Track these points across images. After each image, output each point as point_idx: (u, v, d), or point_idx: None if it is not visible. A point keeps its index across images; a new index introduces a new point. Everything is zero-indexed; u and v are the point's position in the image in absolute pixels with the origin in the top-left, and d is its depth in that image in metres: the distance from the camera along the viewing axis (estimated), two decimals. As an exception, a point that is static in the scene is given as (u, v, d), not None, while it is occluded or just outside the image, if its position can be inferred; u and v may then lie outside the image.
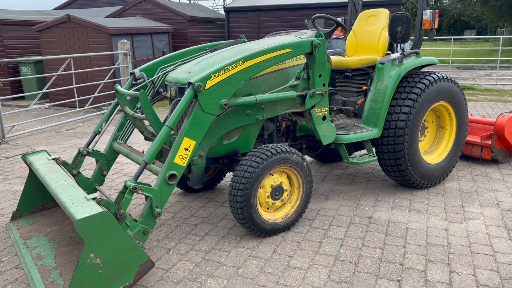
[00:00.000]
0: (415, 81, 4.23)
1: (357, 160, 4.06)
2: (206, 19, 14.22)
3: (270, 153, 3.35)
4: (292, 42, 3.50)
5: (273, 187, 3.46)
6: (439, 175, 4.54)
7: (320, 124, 3.81)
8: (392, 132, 4.15)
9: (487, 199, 4.23)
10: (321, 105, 3.76)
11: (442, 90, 4.31)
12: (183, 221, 3.91)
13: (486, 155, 5.22)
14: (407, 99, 4.14)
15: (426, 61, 4.39)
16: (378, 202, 4.21)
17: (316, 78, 3.65)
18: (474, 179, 4.80)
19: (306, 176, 3.59)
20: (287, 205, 3.64)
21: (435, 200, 4.22)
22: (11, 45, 12.01)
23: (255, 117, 3.58)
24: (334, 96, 4.86)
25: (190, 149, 3.07)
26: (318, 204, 4.20)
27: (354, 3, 5.25)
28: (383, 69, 4.22)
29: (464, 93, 5.12)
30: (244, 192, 3.26)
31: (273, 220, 3.52)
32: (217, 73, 3.12)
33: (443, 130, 4.71)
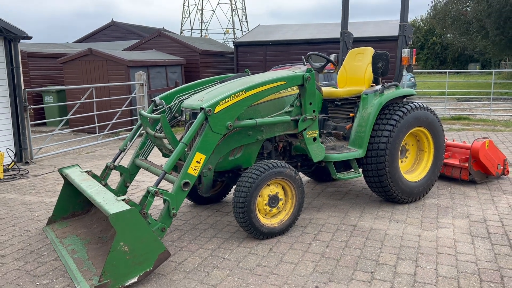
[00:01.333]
0: (394, 109, 4.91)
1: (343, 176, 4.71)
2: (217, 53, 15.16)
3: (267, 167, 4.02)
4: (287, 75, 4.22)
5: (270, 196, 4.11)
6: (419, 192, 5.15)
7: (311, 144, 4.48)
8: (375, 152, 4.80)
9: (460, 212, 4.83)
10: (312, 128, 4.44)
11: (419, 117, 4.98)
12: (193, 226, 4.55)
13: (464, 176, 5.82)
14: (387, 124, 4.81)
15: (405, 92, 5.08)
16: (363, 214, 4.82)
17: (307, 106, 4.35)
18: (451, 196, 5.40)
19: (298, 187, 4.23)
20: (282, 212, 4.28)
21: (413, 213, 4.83)
22: (36, 75, 12.97)
23: (256, 137, 4.26)
24: (327, 122, 5.55)
25: (201, 162, 3.75)
26: (310, 215, 4.82)
27: (345, 42, 6.01)
28: (367, 99, 4.91)
29: (460, 123, 5.76)
30: (245, 199, 3.91)
31: (270, 224, 4.15)
32: (224, 100, 3.83)
33: (422, 153, 5.35)
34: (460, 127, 11.49)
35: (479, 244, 3.98)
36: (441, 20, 28.22)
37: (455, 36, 33.74)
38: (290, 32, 15.15)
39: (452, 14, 26.79)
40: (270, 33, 15.22)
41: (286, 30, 15.52)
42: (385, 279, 3.38)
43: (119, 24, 20.19)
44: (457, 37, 33.37)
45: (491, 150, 5.79)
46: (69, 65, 11.82)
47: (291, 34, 14.81)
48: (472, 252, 3.82)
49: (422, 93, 21.02)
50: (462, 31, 28.17)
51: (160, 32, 14.49)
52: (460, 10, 25.95)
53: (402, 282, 3.33)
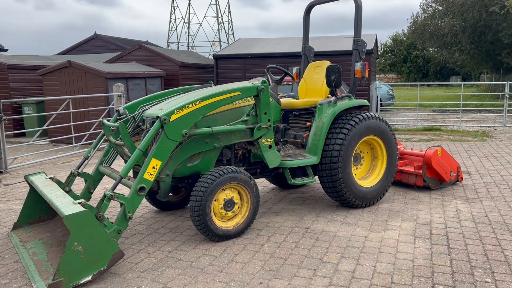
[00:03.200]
0: (347, 118, 5.21)
1: (297, 181, 4.98)
2: (197, 65, 15.46)
3: (222, 172, 4.26)
4: (241, 87, 4.49)
5: (226, 200, 4.35)
6: (373, 197, 5.43)
7: (267, 151, 4.74)
8: (328, 159, 5.08)
9: (409, 216, 5.11)
10: (267, 136, 4.71)
11: (371, 126, 5.28)
12: (154, 231, 4.76)
13: (419, 182, 6.13)
14: (340, 133, 5.10)
15: (357, 103, 5.39)
16: (318, 217, 5.08)
17: (262, 115, 4.62)
18: (405, 201, 5.69)
19: (253, 192, 4.48)
20: (238, 216, 4.52)
21: (365, 216, 5.10)
22: (16, 87, 13.10)
23: (213, 144, 4.51)
24: (288, 131, 5.83)
25: (157, 168, 3.99)
26: (268, 219, 5.06)
27: (306, 55, 6.33)
28: (322, 109, 5.21)
29: (431, 133, 6.05)
30: (201, 203, 4.15)
31: (225, 227, 4.39)
32: (180, 109, 4.08)
33: (376, 160, 5.65)
34: (430, 137, 11.88)
35: (420, 244, 4.25)
36: (420, 34, 28.96)
37: (434, 50, 34.57)
38: (269, 46, 15.52)
39: (430, 29, 27.54)
40: (249, 47, 15.58)
41: (265, 44, 15.89)
42: (326, 276, 3.63)
43: (102, 36, 20.42)
44: (438, 51, 34.23)
45: (444, 158, 6.11)
46: (49, 77, 12.00)
47: (270, 48, 15.18)
48: (411, 251, 4.09)
49: (401, 105, 21.56)
50: (440, 44, 28.93)
51: (140, 45, 14.75)
52: (437, 24, 26.70)
53: (340, 277, 3.59)
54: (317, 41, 14.80)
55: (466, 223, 4.82)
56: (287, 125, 5.90)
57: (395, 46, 58.03)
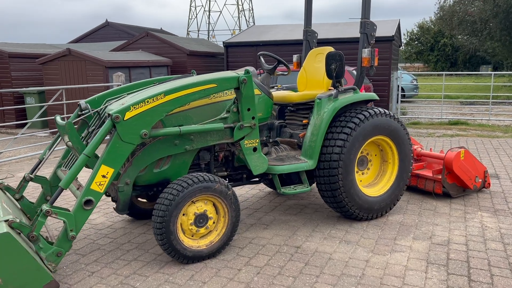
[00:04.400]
0: (351, 115, 4.39)
1: (289, 191, 4.20)
2: (206, 53, 14.71)
3: (191, 182, 3.53)
4: (218, 77, 3.72)
5: (197, 214, 3.62)
6: (381, 208, 4.61)
7: (251, 155, 3.98)
8: (327, 164, 4.28)
9: (423, 232, 4.28)
10: (250, 137, 3.94)
11: (379, 125, 4.44)
12: (118, 246, 4.07)
13: (438, 190, 5.26)
14: (341, 132, 4.28)
15: (363, 97, 4.55)
16: (313, 233, 4.30)
17: (245, 112, 3.85)
18: (420, 212, 4.85)
19: (231, 205, 3.73)
20: (213, 232, 3.78)
21: (370, 232, 4.29)
22: (18, 76, 12.65)
23: (184, 147, 3.77)
24: (284, 129, 5.04)
25: (108, 176, 3.28)
26: (255, 233, 4.31)
27: (308, 41, 5.50)
28: (321, 104, 4.40)
29: (457, 128, 5.19)
30: (164, 219, 3.43)
31: (196, 247, 3.66)
32: (137, 105, 3.35)
33: (386, 164, 4.81)
34: (455, 132, 10.87)
35: (433, 273, 3.43)
36: (448, 21, 27.41)
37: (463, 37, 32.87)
38: (282, 33, 14.61)
39: (459, 15, 25.99)
40: (261, 34, 14.71)
41: (278, 31, 14.99)
42: (308, 318, 2.86)
43: (114, 24, 19.88)
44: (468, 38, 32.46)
45: (467, 161, 5.22)
46: (48, 66, 11.48)
47: (283, 35, 14.28)
48: (421, 284, 3.28)
49: (425, 96, 20.34)
50: (469, 31, 27.35)
51: (147, 33, 14.09)
52: (467, 10, 25.16)
53: (326, 322, 2.82)
54: (325, 27, 13.82)
55: (493, 245, 3.96)
56: (284, 121, 5.11)
57: (422, 34, 55.91)
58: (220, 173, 4.27)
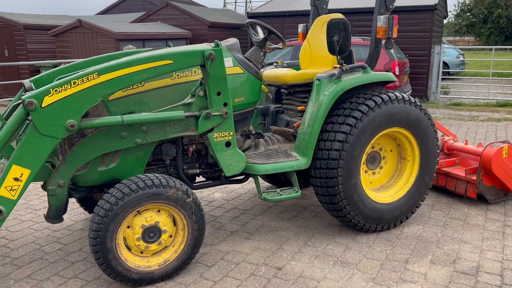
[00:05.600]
0: (358, 102, 3.45)
1: (272, 197, 3.34)
2: (230, 25, 13.78)
3: (135, 187, 2.75)
4: (174, 52, 2.88)
5: (145, 227, 2.85)
6: (394, 217, 3.69)
7: (222, 151, 3.15)
8: (324, 163, 3.39)
9: (445, 253, 3.34)
10: (222, 129, 3.10)
11: (395, 114, 3.48)
12: (65, 255, 3.39)
13: (471, 193, 4.25)
14: (343, 124, 3.37)
15: (376, 77, 3.58)
16: (304, 247, 3.46)
17: (213, 96, 3.01)
18: (445, 223, 3.88)
19: (191, 216, 2.94)
20: (170, 249, 3.01)
21: (376, 250, 3.40)
22: (33, 49, 12.24)
23: (134, 140, 2.99)
24: (280, 115, 4.16)
25: (23, 179, 2.56)
26: (232, 244, 3.52)
27: (317, 7, 4.53)
28: (320, 87, 3.48)
29: (505, 110, 4.17)
30: (98, 234, 2.69)
31: (145, 267, 2.91)
32: (59, 88, 2.58)
33: (404, 162, 3.85)
34: (502, 116, 9.56)
35: (450, 323, 2.53)
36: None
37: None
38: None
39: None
40: (288, 4, 13.59)
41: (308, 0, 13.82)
42: None
43: (141, -6, 19.21)
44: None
45: (511, 159, 4.17)
46: (60, 38, 10.98)
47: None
48: None
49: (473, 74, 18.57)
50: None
51: (167, 3, 13.28)
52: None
53: None
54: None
55: (537, 278, 2.99)
56: (281, 106, 4.22)
57: (475, 5, 52.13)
58: (191, 170, 3.46)
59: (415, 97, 11.66)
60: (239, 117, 3.47)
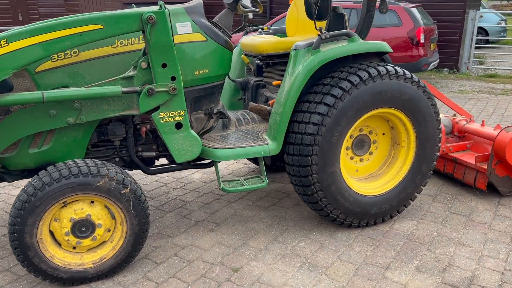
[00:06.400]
0: (340, 77, 2.90)
1: (231, 187, 2.89)
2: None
3: (58, 176, 2.36)
4: (105, 15, 2.41)
5: (74, 221, 2.48)
6: (381, 212, 3.18)
7: (171, 134, 2.70)
8: (296, 149, 2.90)
9: (436, 258, 2.83)
10: (170, 108, 2.64)
11: (385, 92, 2.91)
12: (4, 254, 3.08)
13: (481, 184, 3.67)
14: (321, 103, 2.84)
15: (363, 47, 2.99)
16: (272, 244, 3.02)
17: (157, 69, 2.54)
18: (445, 219, 3.34)
19: (129, 209, 2.53)
20: (108, 245, 2.64)
21: (355, 251, 2.92)
22: (46, 13, 11.96)
23: (65, 119, 2.58)
24: (261, 90, 3.65)
25: None
26: (191, 238, 3.12)
27: (309, -37, 3.89)
28: (296, 58, 2.94)
29: None
30: (15, 229, 2.34)
31: (76, 265, 2.55)
32: (-43, 59, 2.17)
33: (398, 147, 3.30)
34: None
35: None
36: None
37: None
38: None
39: None
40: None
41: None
42: None
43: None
44: None
45: (531, 147, 3.53)
46: (69, 1, 10.59)
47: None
48: None
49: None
50: None
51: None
52: None
53: None
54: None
55: (543, 297, 2.46)
56: (262, 78, 3.70)
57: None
58: (146, 153, 3.04)
59: (443, 67, 10.92)
60: (202, 93, 3.01)
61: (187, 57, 2.83)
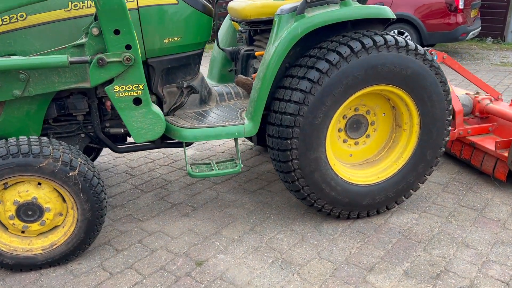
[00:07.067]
0: (329, 48, 2.48)
1: (199, 172, 2.59)
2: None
3: (-7, 155, 2.13)
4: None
5: (19, 204, 2.26)
6: (375, 203, 2.80)
7: (128, 110, 2.41)
8: (275, 131, 2.55)
9: (431, 261, 2.45)
10: (125, 81, 2.34)
11: (381, 66, 2.48)
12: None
13: (500, 174, 3.19)
14: (304, 78, 2.45)
15: (358, 13, 2.53)
16: (248, 235, 2.72)
17: (109, 36, 2.23)
18: (452, 213, 2.93)
19: (78, 193, 2.29)
20: (59, 230, 2.42)
21: (339, 247, 2.58)
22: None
23: (11, 91, 2.32)
24: (252, 61, 3.28)
25: None
26: (162, 223, 2.86)
27: None
28: (279, 25, 2.55)
29: None
30: (-51, 211, 2.15)
31: (23, 251, 2.36)
32: None
33: (400, 130, 2.87)
34: None
35: None
36: None
37: None
38: None
39: None
40: None
41: None
42: None
43: None
44: None
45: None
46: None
47: None
48: None
49: None
50: None
51: None
52: None
53: None
54: None
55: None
56: (253, 49, 3.32)
57: None
58: (114, 129, 2.77)
59: (487, 36, 10.02)
60: (175, 64, 2.70)
61: (153, 22, 2.51)
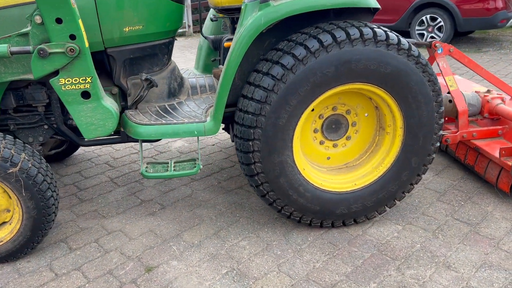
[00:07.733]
0: (298, 41, 2.23)
1: (153, 173, 2.41)
2: None
3: None
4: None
5: (-41, 199, 2.19)
6: (350, 213, 2.55)
7: (76, 104, 2.26)
8: (238, 130, 2.34)
9: (402, 283, 2.19)
10: (72, 73, 2.19)
11: (355, 62, 2.20)
12: None
13: (504, 185, 2.84)
14: (267, 75, 2.22)
15: (329, 2, 2.24)
16: (208, 240, 2.54)
17: (51, 25, 2.08)
18: (441, 227, 2.63)
19: (20, 191, 2.18)
20: (6, 227, 2.34)
21: (304, 259, 2.36)
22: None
23: (-44, 81, 2.23)
24: (233, 51, 3.05)
25: None
26: (124, 222, 2.74)
27: None
28: (245, 14, 2.31)
29: None
30: None
31: (-32, 246, 2.29)
32: None
33: (383, 133, 2.58)
34: None
35: None
36: None
37: None
38: None
39: None
40: None
41: None
42: None
43: None
44: None
45: None
46: None
47: None
48: None
49: None
50: None
51: None
52: None
53: None
54: None
55: None
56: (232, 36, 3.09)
57: None
58: (76, 122, 2.65)
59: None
60: (138, 54, 2.53)
61: (111, 10, 2.35)
